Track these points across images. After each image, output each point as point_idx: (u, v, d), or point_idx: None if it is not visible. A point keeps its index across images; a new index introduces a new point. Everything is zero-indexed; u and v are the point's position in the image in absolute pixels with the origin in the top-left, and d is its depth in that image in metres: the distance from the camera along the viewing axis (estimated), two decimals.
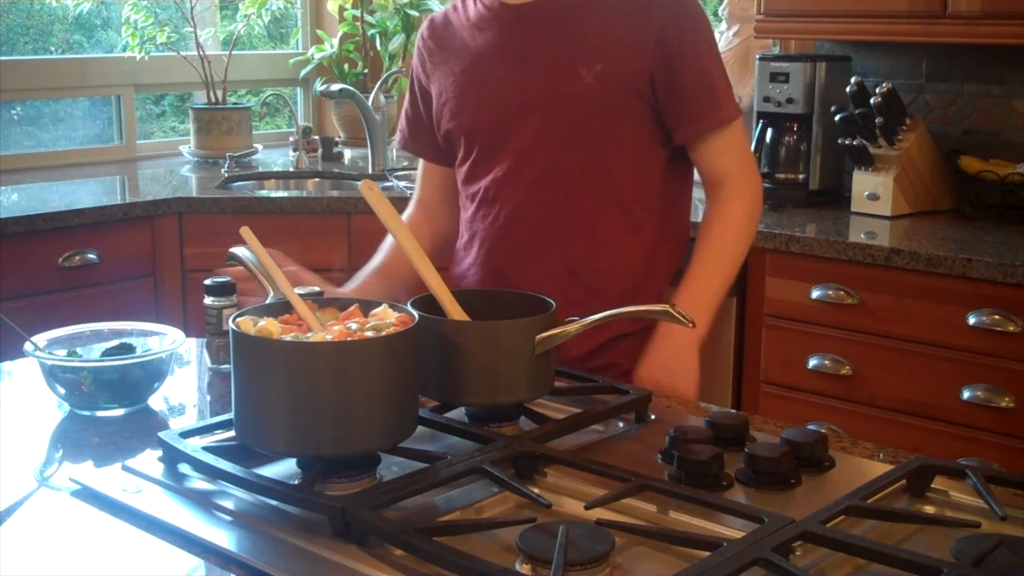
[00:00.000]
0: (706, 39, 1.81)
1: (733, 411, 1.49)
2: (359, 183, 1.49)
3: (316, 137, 4.13)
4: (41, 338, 1.60)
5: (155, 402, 1.61)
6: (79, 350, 1.63)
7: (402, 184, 3.58)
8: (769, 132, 3.35)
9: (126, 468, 1.31)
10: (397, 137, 2.06)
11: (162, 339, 1.65)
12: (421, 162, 2.04)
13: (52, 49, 4.22)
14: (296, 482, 1.24)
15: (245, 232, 1.43)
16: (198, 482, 1.27)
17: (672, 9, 1.76)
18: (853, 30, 3.17)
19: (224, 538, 1.15)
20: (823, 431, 1.40)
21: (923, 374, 2.72)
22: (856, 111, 3.09)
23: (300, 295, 1.36)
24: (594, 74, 1.75)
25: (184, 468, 1.30)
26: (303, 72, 4.37)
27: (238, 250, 1.46)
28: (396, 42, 4.26)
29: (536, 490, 1.21)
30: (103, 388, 1.54)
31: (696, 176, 1.92)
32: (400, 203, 1.44)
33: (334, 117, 4.36)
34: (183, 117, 4.48)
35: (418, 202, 2.03)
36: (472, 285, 1.89)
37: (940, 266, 2.65)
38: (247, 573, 1.09)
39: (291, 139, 4.03)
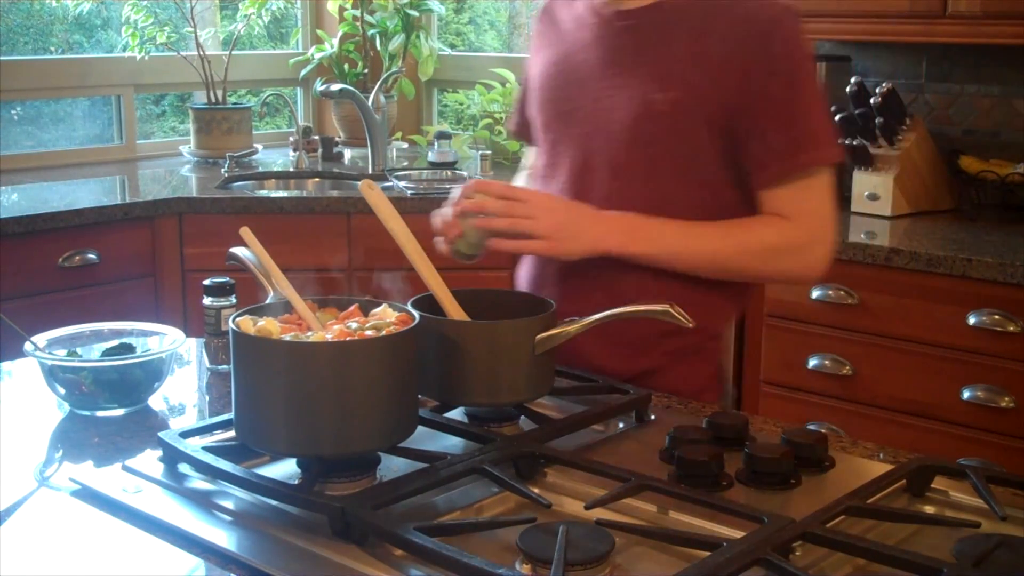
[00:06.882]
0: (797, 73, 1.61)
1: (733, 411, 1.49)
2: (359, 183, 1.49)
3: (316, 137, 4.13)
4: (41, 338, 1.60)
5: (155, 402, 1.61)
6: (79, 350, 1.63)
7: (402, 184, 3.58)
8: None
9: (126, 468, 1.31)
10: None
11: (162, 339, 1.65)
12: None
13: (52, 49, 4.22)
14: (296, 482, 1.24)
15: (245, 232, 1.43)
16: (198, 482, 1.27)
17: (764, 39, 1.59)
18: (853, 30, 3.16)
19: (224, 538, 1.15)
20: (823, 431, 1.40)
21: (923, 374, 2.71)
22: (856, 111, 3.09)
23: None
24: (668, 101, 1.61)
25: (184, 468, 1.30)
26: (303, 72, 4.37)
27: (238, 250, 1.47)
28: (396, 42, 4.25)
29: (536, 490, 1.21)
30: (103, 388, 1.54)
31: None
32: (400, 203, 1.44)
33: (334, 117, 4.36)
34: (183, 117, 4.48)
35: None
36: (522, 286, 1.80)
37: (940, 266, 2.65)
38: (247, 573, 1.09)
39: (291, 139, 4.03)
